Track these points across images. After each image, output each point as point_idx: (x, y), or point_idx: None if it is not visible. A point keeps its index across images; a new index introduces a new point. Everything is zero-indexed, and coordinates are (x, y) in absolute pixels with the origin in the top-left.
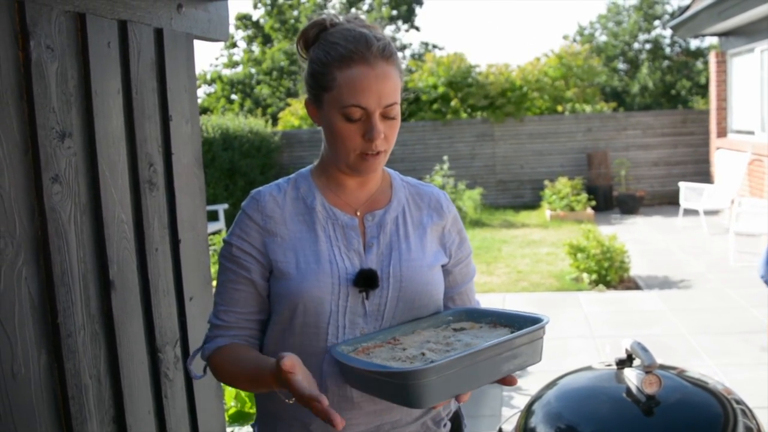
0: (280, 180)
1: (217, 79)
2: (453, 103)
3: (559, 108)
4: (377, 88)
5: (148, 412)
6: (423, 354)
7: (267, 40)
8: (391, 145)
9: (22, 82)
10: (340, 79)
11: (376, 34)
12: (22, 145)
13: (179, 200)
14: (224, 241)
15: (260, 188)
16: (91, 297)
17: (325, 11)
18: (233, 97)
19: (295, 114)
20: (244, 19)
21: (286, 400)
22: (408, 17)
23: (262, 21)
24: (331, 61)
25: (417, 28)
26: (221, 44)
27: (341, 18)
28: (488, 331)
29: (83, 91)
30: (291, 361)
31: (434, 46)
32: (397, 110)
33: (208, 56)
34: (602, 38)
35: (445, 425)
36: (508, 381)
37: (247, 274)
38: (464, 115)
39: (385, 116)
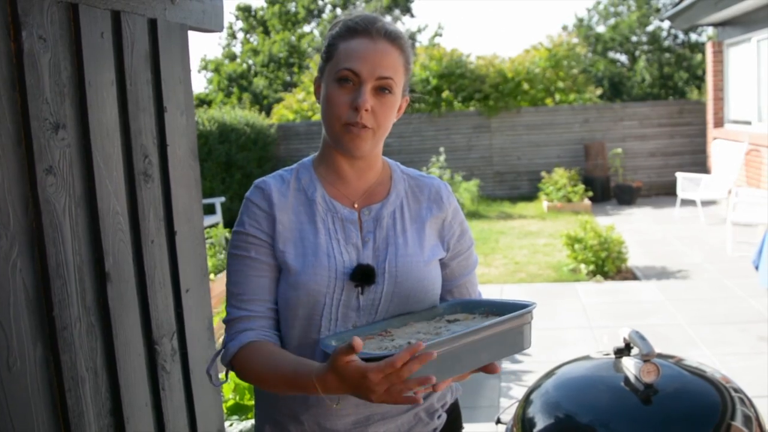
0: (282, 170)
1: (216, 70)
2: (444, 95)
3: (549, 101)
4: (374, 59)
5: (145, 404)
6: (409, 343)
7: (266, 31)
8: (381, 126)
9: (15, 72)
10: (341, 48)
11: (387, 20)
12: (15, 136)
13: (175, 192)
14: (235, 232)
15: (263, 178)
16: (87, 289)
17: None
18: (231, 89)
19: (289, 108)
20: (243, 11)
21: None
22: (405, 7)
23: (261, 13)
24: (337, 34)
25: (411, 12)
26: (219, 35)
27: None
28: (480, 321)
29: (76, 82)
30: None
31: (418, 29)
32: (391, 85)
33: (204, 46)
34: (600, 28)
35: (439, 417)
36: (490, 369)
37: (266, 259)
38: (458, 106)
39: (378, 89)
